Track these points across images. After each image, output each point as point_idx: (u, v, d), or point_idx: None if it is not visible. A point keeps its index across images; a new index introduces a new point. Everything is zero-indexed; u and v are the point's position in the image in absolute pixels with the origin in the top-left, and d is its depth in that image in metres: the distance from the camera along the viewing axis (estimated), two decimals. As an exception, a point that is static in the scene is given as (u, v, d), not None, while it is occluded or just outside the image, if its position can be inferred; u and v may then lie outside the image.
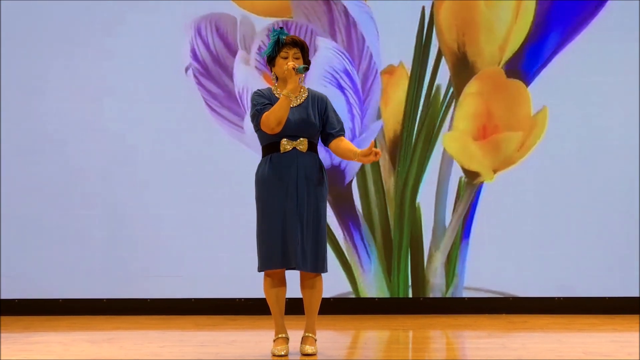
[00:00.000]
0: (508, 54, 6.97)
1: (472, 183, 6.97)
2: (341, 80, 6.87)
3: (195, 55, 7.01)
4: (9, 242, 7.01)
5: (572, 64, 6.97)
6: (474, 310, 6.94)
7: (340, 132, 5.20)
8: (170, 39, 7.00)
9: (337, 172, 6.96)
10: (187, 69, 7.00)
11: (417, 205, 6.99)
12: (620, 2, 6.98)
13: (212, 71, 7.01)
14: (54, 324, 6.57)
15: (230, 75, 6.98)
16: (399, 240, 6.97)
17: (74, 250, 6.99)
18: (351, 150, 5.11)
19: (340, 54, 6.91)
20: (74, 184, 7.01)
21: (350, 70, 6.92)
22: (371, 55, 6.97)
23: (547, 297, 6.97)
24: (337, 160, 6.89)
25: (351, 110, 6.88)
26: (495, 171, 6.98)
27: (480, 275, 6.97)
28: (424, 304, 6.97)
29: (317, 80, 6.82)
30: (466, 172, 6.99)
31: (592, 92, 6.98)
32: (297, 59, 5.08)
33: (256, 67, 6.93)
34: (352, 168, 6.98)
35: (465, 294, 6.97)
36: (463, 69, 6.99)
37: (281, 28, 5.14)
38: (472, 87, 6.99)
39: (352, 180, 6.99)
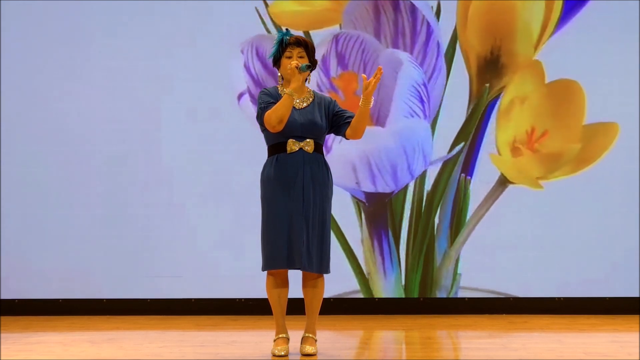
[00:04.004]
0: (537, 53, 6.95)
1: (501, 185, 6.95)
2: (422, 94, 6.76)
3: (243, 81, 6.93)
4: (9, 242, 7.00)
5: (556, 59, 6.96)
6: (474, 311, 6.93)
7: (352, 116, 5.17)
8: (219, 68, 6.97)
9: (387, 195, 6.93)
10: (239, 97, 6.96)
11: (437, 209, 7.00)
12: (601, 2, 6.97)
13: (255, 95, 6.88)
14: (54, 324, 6.57)
15: None
16: (419, 247, 6.94)
17: (74, 250, 6.99)
18: (359, 110, 5.04)
19: (417, 65, 6.81)
20: (74, 184, 7.00)
21: (426, 82, 6.81)
22: (423, 60, 6.87)
23: (547, 297, 6.97)
24: (394, 185, 6.87)
25: (428, 123, 6.85)
26: (539, 179, 6.96)
27: (481, 276, 6.96)
28: (424, 304, 6.96)
29: (403, 96, 6.75)
30: (506, 180, 6.97)
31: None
32: (301, 57, 5.07)
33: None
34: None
35: (466, 294, 6.97)
36: (490, 72, 6.90)
37: (286, 30, 5.14)
38: (512, 92, 6.90)
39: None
